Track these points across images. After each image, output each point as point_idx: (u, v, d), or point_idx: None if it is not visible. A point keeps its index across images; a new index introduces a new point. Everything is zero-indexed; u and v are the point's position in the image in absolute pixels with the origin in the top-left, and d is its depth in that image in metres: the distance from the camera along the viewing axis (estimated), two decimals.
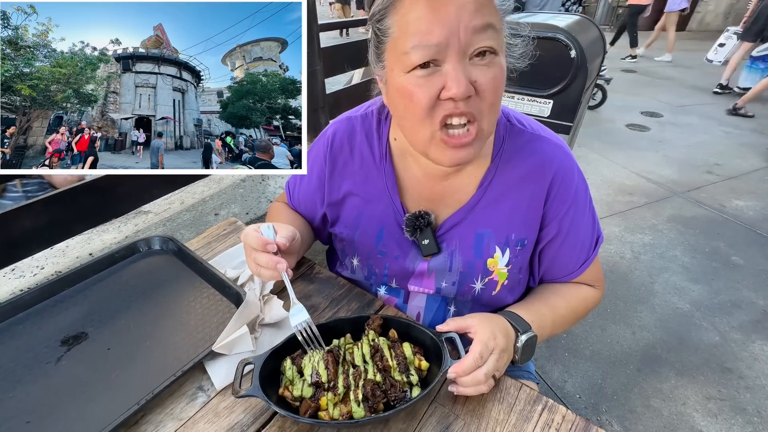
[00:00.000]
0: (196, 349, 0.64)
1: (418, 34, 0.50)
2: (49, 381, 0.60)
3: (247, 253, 0.67)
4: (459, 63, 0.51)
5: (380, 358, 0.58)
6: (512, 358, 0.63)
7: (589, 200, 0.71)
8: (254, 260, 0.64)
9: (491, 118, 0.56)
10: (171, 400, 0.59)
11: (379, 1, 0.54)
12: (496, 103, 0.56)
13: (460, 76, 0.50)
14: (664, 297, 2.00)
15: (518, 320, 0.64)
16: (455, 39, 0.50)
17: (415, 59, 0.51)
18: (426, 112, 0.54)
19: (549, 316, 0.69)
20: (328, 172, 0.76)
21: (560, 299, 0.73)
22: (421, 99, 0.53)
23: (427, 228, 0.69)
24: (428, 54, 0.51)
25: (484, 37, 0.50)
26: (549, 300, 0.72)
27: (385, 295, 0.80)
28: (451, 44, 0.50)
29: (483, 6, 0.50)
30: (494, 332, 0.59)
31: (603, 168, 3.26)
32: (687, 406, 1.49)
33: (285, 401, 0.56)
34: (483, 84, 0.52)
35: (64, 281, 0.77)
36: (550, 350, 1.72)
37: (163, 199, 1.19)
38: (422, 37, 0.50)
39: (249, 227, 0.65)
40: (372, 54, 0.61)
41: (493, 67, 0.52)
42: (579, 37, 1.50)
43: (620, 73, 6.09)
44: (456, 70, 0.50)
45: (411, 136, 0.60)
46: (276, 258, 0.62)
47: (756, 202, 2.79)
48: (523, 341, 0.62)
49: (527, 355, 0.64)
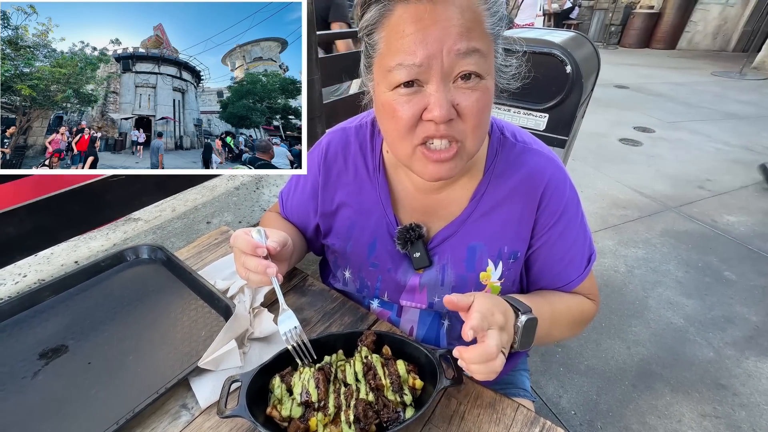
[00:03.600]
0: (182, 365, 0.62)
1: (401, 53, 0.50)
2: (23, 397, 0.57)
3: (236, 256, 0.64)
4: (441, 85, 0.50)
5: (373, 377, 0.56)
6: (512, 340, 0.58)
7: (581, 215, 0.70)
8: (243, 264, 0.61)
9: (475, 139, 0.56)
10: (153, 418, 0.56)
11: (368, 16, 0.53)
12: (481, 124, 0.55)
13: (441, 99, 0.50)
14: (658, 311, 1.99)
15: (517, 302, 0.60)
16: (438, 62, 0.49)
17: (398, 77, 0.51)
18: (408, 130, 0.54)
19: (547, 310, 0.66)
20: (322, 182, 0.75)
21: (558, 299, 0.71)
22: (403, 117, 0.53)
23: (419, 240, 0.68)
24: (411, 74, 0.51)
25: (469, 61, 0.50)
26: (547, 297, 0.70)
27: (378, 309, 0.78)
28: (433, 66, 0.50)
29: (469, 30, 0.49)
30: (492, 309, 0.55)
31: (597, 181, 3.29)
32: (682, 424, 1.48)
33: (273, 421, 0.53)
34: (465, 108, 0.52)
35: (46, 290, 0.74)
36: (545, 365, 1.70)
37: (153, 206, 1.17)
38: (405, 57, 0.50)
39: (239, 230, 0.63)
40: (363, 66, 0.60)
41: (477, 90, 0.52)
42: (574, 53, 1.52)
43: (613, 89, 6.20)
44: (438, 93, 0.50)
45: (394, 149, 0.61)
46: (265, 262, 0.60)
47: (747, 218, 2.82)
48: (523, 321, 0.57)
49: (526, 339, 0.58)
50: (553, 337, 0.70)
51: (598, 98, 5.35)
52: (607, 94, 5.87)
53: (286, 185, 0.87)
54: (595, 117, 4.71)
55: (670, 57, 8.97)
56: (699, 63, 8.13)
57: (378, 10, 0.51)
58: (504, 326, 0.55)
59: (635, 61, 8.32)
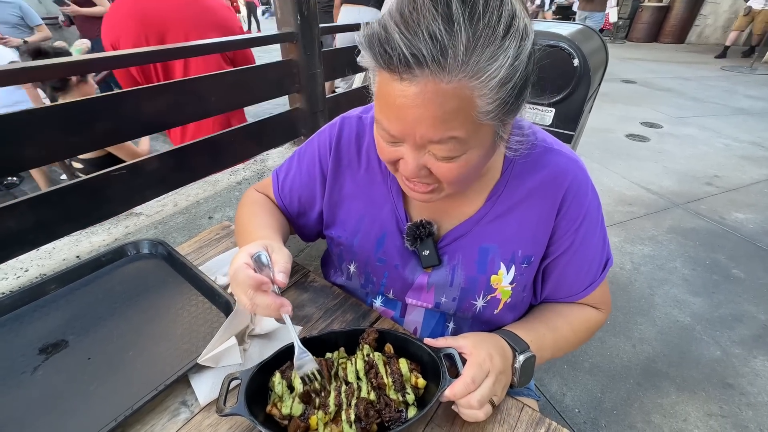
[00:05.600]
0: (181, 361, 0.61)
1: (381, 116, 0.49)
2: (23, 392, 0.56)
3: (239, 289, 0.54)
4: (415, 152, 0.49)
5: (375, 375, 0.55)
6: (510, 381, 0.59)
7: (601, 219, 0.68)
8: (250, 299, 0.53)
9: (451, 189, 0.55)
10: (152, 415, 0.56)
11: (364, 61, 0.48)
12: (456, 183, 0.53)
13: (411, 165, 0.50)
14: (665, 309, 1.97)
15: (516, 339, 0.61)
16: (411, 138, 0.48)
17: (381, 128, 0.51)
18: (390, 165, 0.56)
19: (549, 336, 0.65)
20: (333, 165, 0.73)
21: (562, 320, 0.69)
22: (384, 155, 0.55)
23: (428, 238, 0.66)
24: (389, 137, 0.50)
25: (442, 147, 0.47)
26: (550, 320, 0.68)
27: (381, 307, 0.77)
28: (407, 140, 0.49)
29: (446, 121, 0.44)
30: (490, 353, 0.56)
31: (603, 178, 3.25)
32: (688, 423, 1.46)
33: (273, 420, 0.52)
34: (440, 173, 0.51)
35: (47, 285, 0.73)
36: (548, 363, 1.69)
37: (155, 201, 1.16)
38: (385, 122, 0.49)
39: (239, 259, 0.55)
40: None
41: (453, 162, 0.49)
42: (582, 46, 1.49)
43: (620, 84, 6.12)
44: (410, 159, 0.50)
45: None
46: (279, 300, 0.54)
47: (756, 215, 2.78)
48: (521, 362, 0.59)
49: (525, 377, 0.60)
50: (558, 356, 0.70)
51: (605, 93, 5.31)
52: (615, 89, 5.79)
53: (283, 163, 0.81)
54: (601, 112, 4.65)
55: (678, 51, 8.82)
56: (708, 57, 8.00)
57: (371, 59, 0.46)
58: (503, 370, 0.57)
59: (643, 55, 8.20)
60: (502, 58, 0.42)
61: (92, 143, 0.95)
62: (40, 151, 0.85)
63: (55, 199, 0.88)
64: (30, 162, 0.87)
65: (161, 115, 1.05)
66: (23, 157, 0.83)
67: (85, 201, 0.94)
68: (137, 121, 1.01)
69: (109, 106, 0.94)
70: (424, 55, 0.40)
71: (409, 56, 0.41)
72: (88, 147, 0.95)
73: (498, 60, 0.41)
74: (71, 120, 0.88)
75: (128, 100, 0.97)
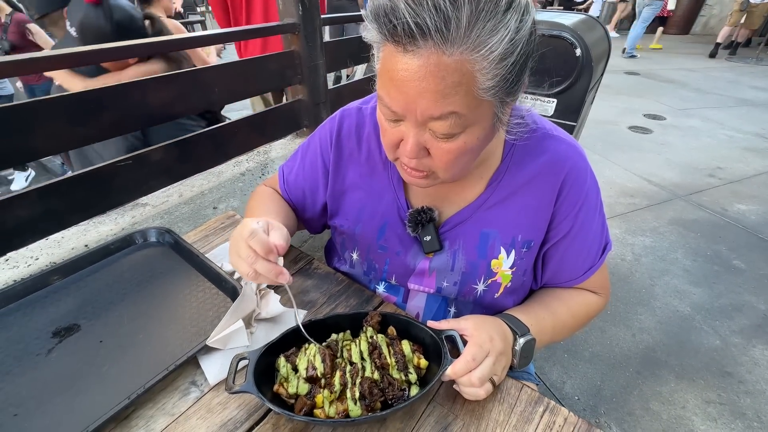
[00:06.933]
0: (190, 343, 0.63)
1: (383, 92, 0.50)
2: (38, 373, 0.59)
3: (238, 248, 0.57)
4: (415, 129, 0.50)
5: (378, 356, 0.57)
6: (510, 362, 0.61)
7: (600, 205, 0.69)
8: (251, 264, 0.56)
9: (446, 174, 0.56)
10: (163, 394, 0.58)
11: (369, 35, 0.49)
12: (452, 167, 0.54)
13: (411, 143, 0.51)
14: (665, 300, 1.98)
15: (516, 323, 0.63)
16: (413, 114, 0.48)
17: (384, 105, 0.51)
18: (390, 148, 0.57)
19: (549, 320, 0.67)
20: (334, 158, 0.74)
21: (561, 304, 0.70)
22: (385, 137, 0.56)
23: (430, 224, 0.67)
24: (390, 114, 0.51)
25: (441, 124, 0.47)
26: (550, 305, 0.70)
27: (384, 293, 0.79)
28: (408, 116, 0.49)
29: (446, 96, 0.45)
30: (491, 334, 0.58)
31: (605, 169, 3.25)
32: (686, 410, 1.48)
33: (280, 398, 0.54)
34: (435, 154, 0.52)
35: (58, 272, 0.75)
36: (549, 351, 1.71)
37: (161, 192, 1.18)
38: (387, 99, 0.50)
39: (251, 224, 0.57)
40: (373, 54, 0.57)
41: (451, 141, 0.50)
42: (585, 36, 1.48)
43: (623, 75, 6.07)
44: (410, 136, 0.51)
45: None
46: (278, 268, 0.56)
47: (758, 207, 2.77)
48: (521, 344, 0.60)
49: (525, 359, 0.62)
50: (556, 341, 0.72)
51: (607, 85, 5.27)
52: (617, 80, 5.75)
53: (288, 159, 0.85)
54: (604, 104, 4.63)
55: (683, 42, 8.73)
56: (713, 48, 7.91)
57: (376, 32, 0.47)
58: (503, 351, 0.58)
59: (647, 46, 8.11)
60: (503, 31, 0.42)
61: (100, 133, 0.96)
62: (49, 141, 0.87)
63: (65, 189, 0.90)
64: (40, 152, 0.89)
65: (167, 106, 1.06)
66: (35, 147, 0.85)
67: (93, 191, 0.96)
68: (143, 111, 1.02)
69: (116, 96, 0.95)
70: (428, 25, 0.41)
71: (414, 26, 0.42)
72: (97, 137, 0.96)
73: (499, 33, 0.42)
74: (79, 109, 0.89)
75: (135, 91, 0.98)
